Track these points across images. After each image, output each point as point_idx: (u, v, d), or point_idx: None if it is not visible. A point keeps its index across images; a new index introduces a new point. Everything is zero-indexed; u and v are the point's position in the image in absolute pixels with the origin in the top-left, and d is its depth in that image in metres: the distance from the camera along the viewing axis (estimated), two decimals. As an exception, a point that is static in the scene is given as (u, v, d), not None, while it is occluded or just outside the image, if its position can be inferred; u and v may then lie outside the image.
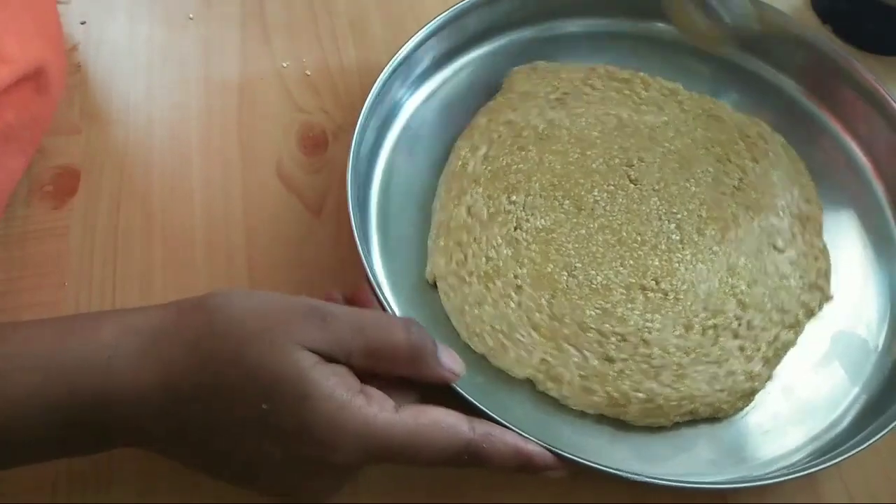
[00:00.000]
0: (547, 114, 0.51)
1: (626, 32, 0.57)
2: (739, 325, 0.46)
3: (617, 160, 0.50)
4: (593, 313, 0.45)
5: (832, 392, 0.45)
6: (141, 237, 0.48)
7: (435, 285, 0.45)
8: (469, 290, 0.45)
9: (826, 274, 0.49)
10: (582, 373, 0.43)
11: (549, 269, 0.46)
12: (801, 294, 0.47)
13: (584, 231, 0.47)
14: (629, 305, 0.45)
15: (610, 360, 0.43)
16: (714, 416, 0.43)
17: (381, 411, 0.32)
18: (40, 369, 0.32)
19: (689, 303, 0.46)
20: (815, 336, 0.47)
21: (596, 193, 0.49)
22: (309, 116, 0.54)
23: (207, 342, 0.32)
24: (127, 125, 0.53)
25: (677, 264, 0.47)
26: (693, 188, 0.50)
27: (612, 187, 0.49)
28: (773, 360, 0.45)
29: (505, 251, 0.46)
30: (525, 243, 0.46)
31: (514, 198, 0.48)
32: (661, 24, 0.57)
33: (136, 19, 0.58)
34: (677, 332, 0.45)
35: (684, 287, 0.46)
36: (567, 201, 0.48)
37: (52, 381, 0.32)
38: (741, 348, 0.45)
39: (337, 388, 0.32)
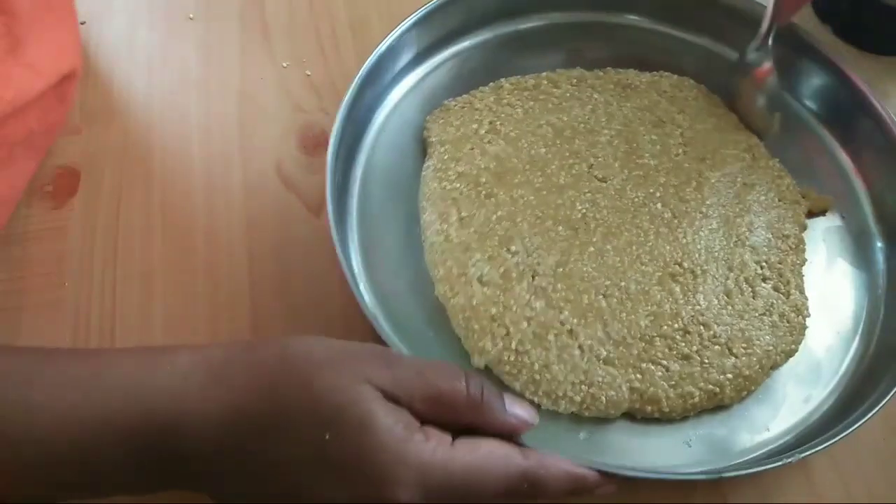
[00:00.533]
0: (488, 150, 0.49)
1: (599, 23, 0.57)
2: (762, 268, 0.47)
3: (577, 167, 0.50)
4: (647, 322, 0.45)
5: (807, 388, 0.45)
6: (141, 237, 0.48)
7: (486, 368, 0.43)
8: (529, 359, 0.43)
9: (794, 186, 0.51)
10: (671, 382, 0.43)
11: (587, 301, 0.45)
12: (789, 213, 0.50)
13: (592, 249, 0.46)
14: (671, 298, 0.45)
15: (687, 357, 0.44)
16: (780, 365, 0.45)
17: (438, 446, 0.32)
18: (120, 391, 0.33)
19: (714, 270, 0.47)
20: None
21: (579, 206, 0.48)
22: (309, 116, 0.54)
23: (275, 371, 0.33)
24: (127, 125, 0.53)
25: (684, 240, 0.48)
26: (652, 162, 0.50)
27: (589, 194, 0.48)
28: (801, 285, 0.48)
29: (538, 304, 0.44)
30: (551, 287, 0.45)
31: (513, 248, 0.46)
32: (632, 16, 0.57)
33: (136, 19, 0.58)
34: (722, 302, 0.46)
35: (702, 258, 0.47)
36: (560, 227, 0.47)
37: (130, 404, 0.32)
38: (776, 289, 0.47)
39: (398, 423, 0.32)
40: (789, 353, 0.45)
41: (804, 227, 0.50)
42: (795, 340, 0.46)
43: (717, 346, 0.44)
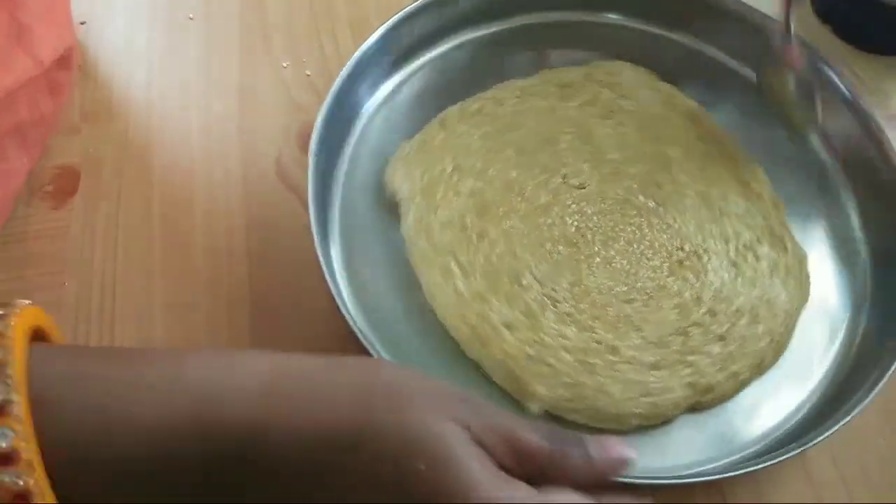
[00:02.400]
0: (461, 189, 0.48)
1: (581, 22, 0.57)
2: (753, 231, 0.49)
3: (552, 181, 0.49)
4: (675, 315, 0.45)
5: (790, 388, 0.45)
6: (141, 237, 0.48)
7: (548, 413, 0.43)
8: (583, 388, 0.42)
9: (738, 145, 0.52)
10: (717, 367, 0.44)
11: (613, 313, 0.45)
12: (749, 173, 0.51)
13: (598, 259, 0.46)
14: (687, 285, 0.46)
15: (723, 338, 0.44)
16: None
17: (527, 496, 0.32)
18: (204, 392, 0.31)
19: (714, 246, 0.48)
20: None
21: (569, 221, 0.48)
22: (309, 116, 0.54)
23: (371, 393, 0.32)
24: (127, 125, 0.53)
25: (676, 224, 0.48)
26: (616, 156, 0.50)
27: (574, 205, 0.48)
28: (791, 235, 0.49)
29: (569, 331, 0.44)
30: (575, 310, 0.44)
31: (524, 282, 0.45)
32: (613, 15, 0.57)
33: (136, 19, 0.58)
34: (732, 274, 0.47)
35: (699, 238, 0.48)
36: (560, 246, 0.46)
37: (205, 406, 0.30)
38: (773, 247, 0.48)
39: (488, 465, 0.31)
40: (804, 302, 0.47)
41: (768, 184, 0.51)
42: (806, 289, 0.47)
43: (744, 319, 0.45)
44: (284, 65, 0.56)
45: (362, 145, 0.50)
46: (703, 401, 0.43)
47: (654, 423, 0.43)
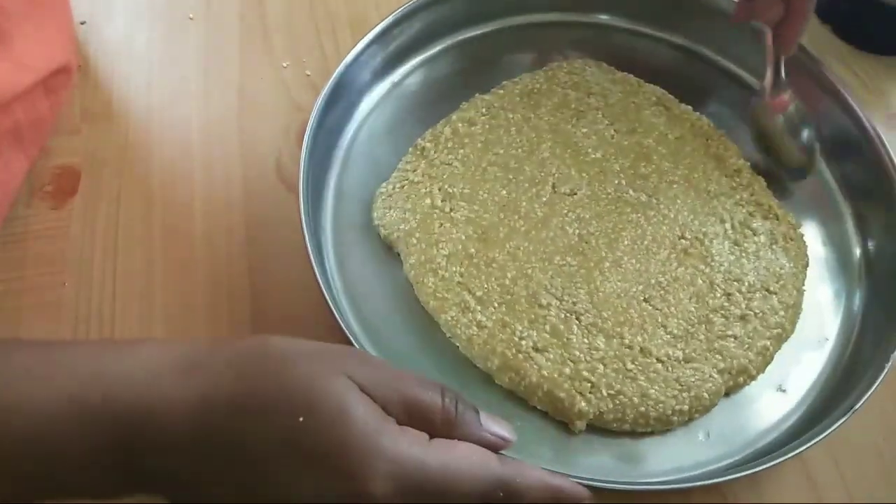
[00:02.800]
0: (457, 218, 0.47)
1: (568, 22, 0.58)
2: (744, 206, 0.50)
3: (543, 193, 0.49)
4: (694, 305, 0.46)
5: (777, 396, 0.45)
6: (141, 237, 0.48)
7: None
8: (625, 396, 0.42)
9: (711, 125, 0.53)
10: (745, 346, 0.45)
11: (636, 314, 0.45)
12: (723, 150, 0.52)
13: (607, 263, 0.46)
14: (698, 272, 0.47)
15: (743, 318, 0.46)
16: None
17: (415, 441, 0.32)
18: (77, 378, 0.31)
19: (712, 228, 0.48)
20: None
21: (570, 230, 0.47)
22: (308, 116, 0.54)
23: (250, 361, 0.32)
24: (127, 125, 0.53)
25: (671, 214, 0.49)
26: (598, 155, 0.51)
27: (571, 213, 0.48)
28: (777, 202, 0.50)
29: (599, 341, 0.44)
30: (599, 320, 0.44)
31: (543, 301, 0.44)
32: (603, 16, 0.57)
33: (136, 19, 0.58)
34: (737, 253, 0.48)
35: (696, 222, 0.49)
36: (568, 258, 0.46)
37: (87, 390, 0.31)
38: (766, 217, 0.49)
39: (374, 414, 0.31)
40: (806, 264, 0.49)
41: (740, 155, 0.52)
42: (804, 251, 0.49)
43: (759, 294, 0.46)
44: (284, 65, 0.56)
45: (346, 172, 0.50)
46: (739, 382, 0.44)
47: (698, 416, 0.43)
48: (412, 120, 0.52)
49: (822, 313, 0.48)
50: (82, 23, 0.57)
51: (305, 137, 0.46)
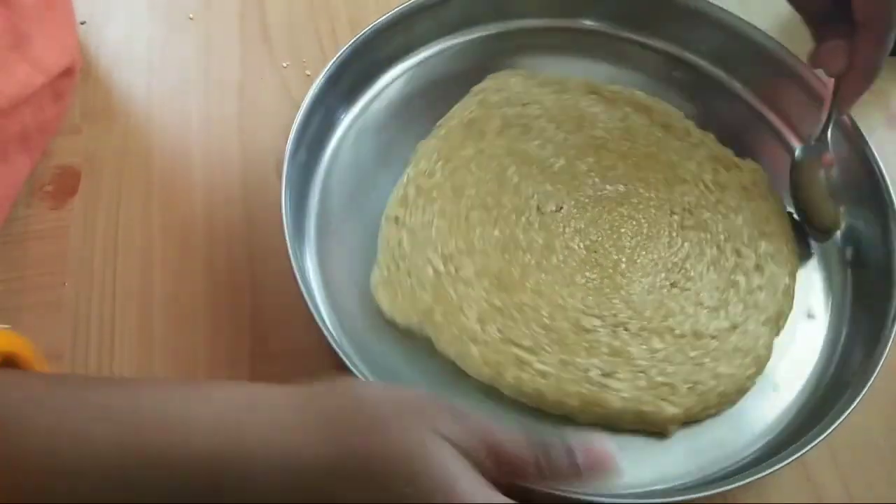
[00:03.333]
0: (466, 277, 0.45)
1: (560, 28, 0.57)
2: (714, 169, 0.51)
3: (532, 219, 0.48)
4: (715, 274, 0.47)
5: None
6: (141, 237, 0.48)
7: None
8: (701, 373, 0.43)
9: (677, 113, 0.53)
10: (773, 290, 0.46)
11: (674, 304, 0.45)
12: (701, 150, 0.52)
13: (624, 265, 0.47)
14: (703, 242, 0.48)
15: (759, 268, 0.47)
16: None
17: None
18: (176, 428, 0.31)
19: (694, 197, 0.49)
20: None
21: (576, 246, 0.47)
22: (309, 116, 0.54)
23: (345, 419, 0.31)
24: (127, 125, 0.53)
25: (653, 195, 0.49)
26: (560, 162, 0.50)
27: (566, 229, 0.48)
28: (733, 154, 0.52)
29: (655, 342, 0.44)
30: (647, 322, 0.45)
31: (588, 326, 0.44)
32: (588, 22, 0.57)
33: (136, 19, 0.58)
34: (723, 212, 0.49)
35: (678, 196, 0.49)
36: (587, 273, 0.46)
37: (177, 438, 0.31)
38: (727, 170, 0.51)
39: (477, 482, 0.31)
40: (780, 200, 0.50)
41: (682, 116, 0.53)
42: (769, 188, 0.51)
43: (761, 241, 0.48)
44: (284, 65, 0.56)
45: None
46: (780, 326, 0.46)
47: (760, 374, 0.44)
48: (398, 125, 0.52)
49: (809, 294, 0.48)
50: (82, 23, 0.57)
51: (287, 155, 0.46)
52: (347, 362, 0.40)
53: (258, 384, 0.33)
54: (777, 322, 0.46)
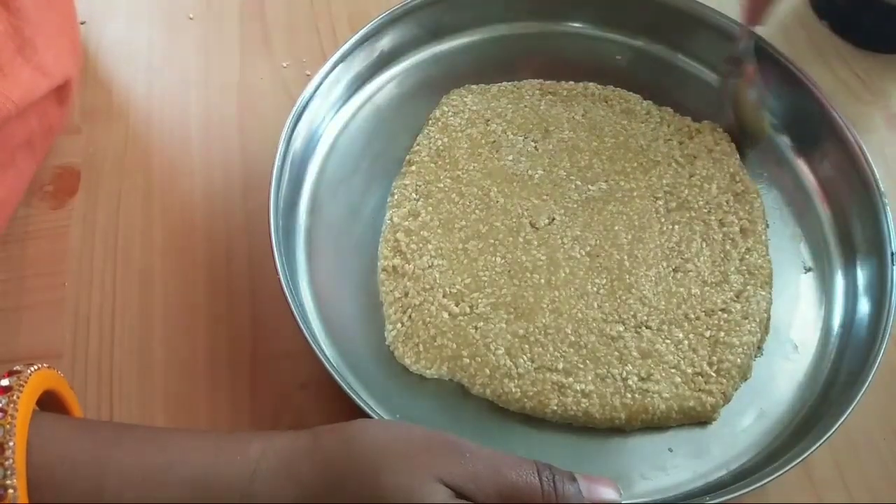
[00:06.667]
0: (482, 312, 0.45)
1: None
2: (680, 142, 0.52)
3: (529, 237, 0.47)
4: (709, 251, 0.48)
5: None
6: (141, 237, 0.48)
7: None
8: (729, 353, 0.44)
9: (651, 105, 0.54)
10: (764, 249, 0.48)
11: (681, 290, 0.46)
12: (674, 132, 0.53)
13: (627, 263, 0.47)
14: (691, 220, 0.49)
15: (744, 231, 0.49)
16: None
17: None
18: (190, 485, 0.32)
19: (673, 178, 0.50)
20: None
21: (577, 255, 0.47)
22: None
23: (342, 464, 0.32)
24: (127, 125, 0.53)
25: (634, 184, 0.50)
26: (538, 173, 0.50)
27: (564, 240, 0.47)
28: (695, 122, 0.53)
29: (677, 333, 0.45)
30: (663, 314, 0.45)
31: (613, 332, 0.44)
32: (576, 24, 0.57)
33: (136, 19, 0.58)
34: (700, 186, 0.50)
35: (657, 181, 0.50)
36: (597, 280, 0.46)
37: (201, 494, 0.31)
38: (694, 138, 0.52)
39: None
40: (737, 152, 0.52)
41: (640, 99, 0.54)
42: (728, 141, 0.52)
43: (736, 201, 0.49)
44: (284, 65, 0.56)
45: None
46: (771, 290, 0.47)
47: (768, 330, 0.46)
48: (390, 130, 0.52)
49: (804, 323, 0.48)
50: (82, 23, 0.57)
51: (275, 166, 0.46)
52: (357, 399, 0.39)
53: (271, 433, 0.34)
54: (770, 281, 0.47)
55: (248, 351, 0.45)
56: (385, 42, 0.53)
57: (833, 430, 0.40)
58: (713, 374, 0.44)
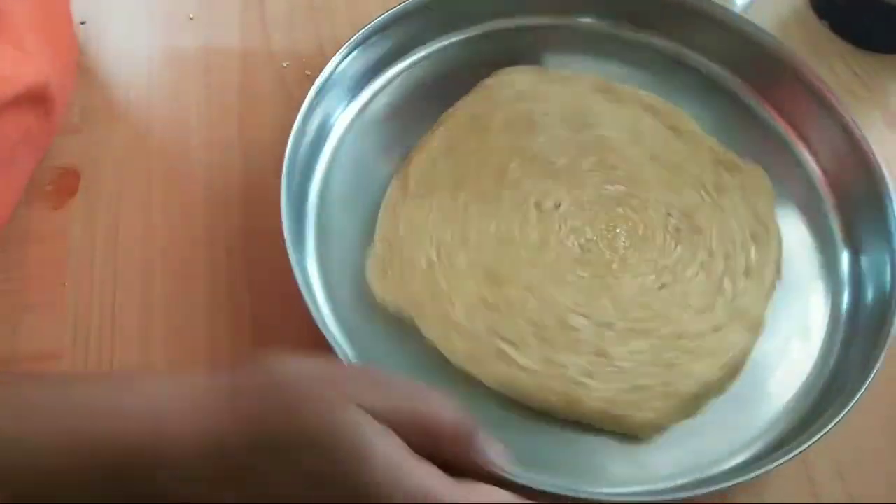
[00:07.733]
0: (458, 267, 0.45)
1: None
2: (715, 171, 0.51)
3: (530, 215, 0.48)
4: (704, 276, 0.47)
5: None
6: (141, 237, 0.48)
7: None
8: (679, 376, 0.43)
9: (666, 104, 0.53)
10: (760, 297, 0.47)
11: (660, 306, 0.45)
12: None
13: (616, 265, 0.46)
14: (695, 244, 0.48)
15: (748, 272, 0.47)
16: None
17: (439, 481, 0.31)
18: (87, 416, 0.32)
19: (693, 199, 0.49)
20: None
21: (570, 244, 0.47)
22: (309, 116, 0.54)
23: (260, 396, 0.32)
24: (127, 125, 0.53)
25: (653, 197, 0.49)
26: (563, 160, 0.50)
27: (563, 227, 0.48)
28: (736, 156, 0.52)
29: (640, 343, 0.44)
30: (633, 323, 0.45)
31: (573, 323, 0.45)
32: (588, 19, 0.57)
33: (136, 19, 0.58)
34: (719, 215, 0.49)
35: (676, 199, 0.49)
36: (579, 271, 0.46)
37: (97, 429, 0.31)
38: (729, 172, 0.51)
39: (393, 449, 0.31)
40: (774, 199, 0.51)
41: (691, 119, 0.53)
42: (769, 189, 0.51)
43: (752, 246, 0.48)
44: (284, 65, 0.56)
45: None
46: (757, 334, 0.46)
47: (731, 379, 0.44)
48: (398, 127, 0.52)
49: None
50: (82, 23, 0.57)
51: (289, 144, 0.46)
52: (337, 350, 0.40)
53: (188, 373, 0.34)
54: (757, 330, 0.46)
55: (249, 350, 0.45)
56: (401, 32, 0.53)
57: (831, 426, 0.40)
58: (657, 395, 0.43)
